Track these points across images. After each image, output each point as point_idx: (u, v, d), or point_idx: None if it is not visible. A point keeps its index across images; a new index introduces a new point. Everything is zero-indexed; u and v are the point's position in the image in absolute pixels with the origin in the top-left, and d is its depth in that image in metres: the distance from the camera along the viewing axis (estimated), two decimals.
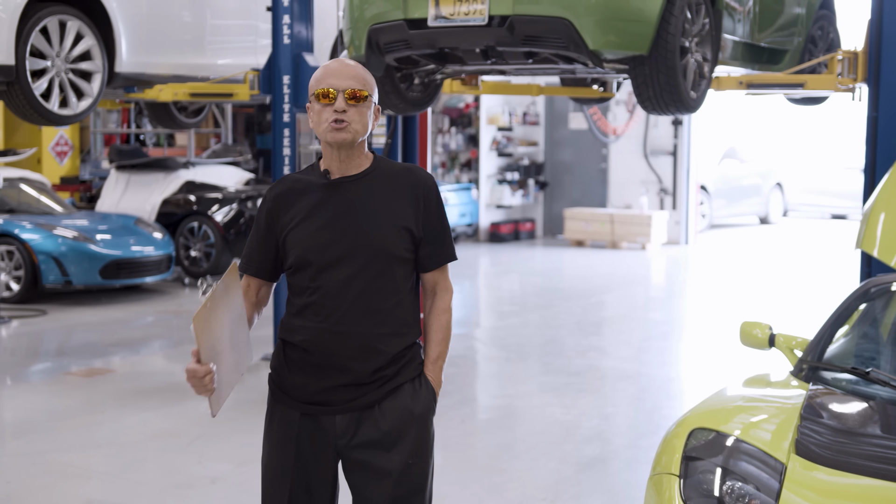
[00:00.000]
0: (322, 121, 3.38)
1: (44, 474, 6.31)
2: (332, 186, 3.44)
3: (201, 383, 3.23)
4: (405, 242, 3.43)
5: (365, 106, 3.40)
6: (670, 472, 3.77)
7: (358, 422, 3.40)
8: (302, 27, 8.71)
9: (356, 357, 3.38)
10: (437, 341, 3.53)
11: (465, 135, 19.95)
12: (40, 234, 11.91)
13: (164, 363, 9.65)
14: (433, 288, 3.55)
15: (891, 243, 5.55)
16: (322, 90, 3.37)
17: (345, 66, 3.42)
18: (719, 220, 21.48)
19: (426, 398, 3.48)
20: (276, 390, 3.51)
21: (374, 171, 3.48)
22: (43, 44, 7.82)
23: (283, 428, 3.46)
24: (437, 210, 3.51)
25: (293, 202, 3.45)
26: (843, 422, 3.92)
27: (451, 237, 3.57)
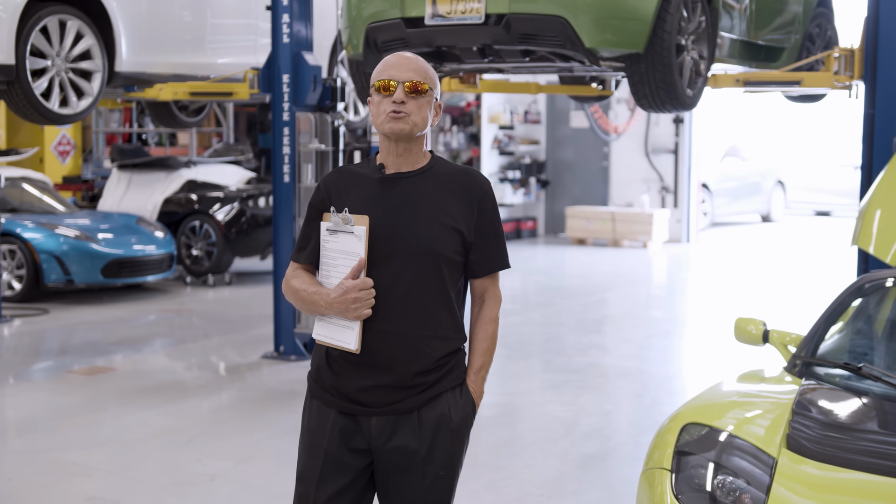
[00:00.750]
0: (380, 112, 3.34)
1: (45, 472, 6.34)
2: (387, 181, 3.38)
3: (369, 295, 3.25)
4: (455, 244, 3.36)
5: (425, 99, 3.35)
6: (662, 466, 3.80)
7: (394, 426, 3.34)
8: (301, 26, 8.75)
9: (399, 357, 3.32)
10: (482, 351, 3.47)
11: (466, 133, 19.97)
12: (42, 233, 11.95)
13: (165, 361, 9.67)
14: (482, 295, 3.49)
15: (886, 240, 5.58)
16: (382, 82, 3.33)
17: (406, 58, 3.38)
18: (721, 218, 21.50)
19: (466, 410, 3.42)
20: (314, 387, 3.47)
21: (431, 169, 3.42)
22: (43, 43, 7.86)
23: (320, 424, 3.41)
24: (491, 216, 3.43)
25: (346, 193, 3.40)
26: (833, 417, 3.95)
27: (505, 245, 3.49)
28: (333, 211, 3.32)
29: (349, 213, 3.29)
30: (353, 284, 3.24)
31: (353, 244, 3.28)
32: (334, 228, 3.32)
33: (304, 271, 3.46)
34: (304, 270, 3.46)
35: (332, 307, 3.28)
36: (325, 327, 3.36)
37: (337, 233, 3.31)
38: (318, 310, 3.34)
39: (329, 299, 3.28)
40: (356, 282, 3.24)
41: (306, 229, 3.48)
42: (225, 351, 9.86)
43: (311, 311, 3.37)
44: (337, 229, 3.31)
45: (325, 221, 3.37)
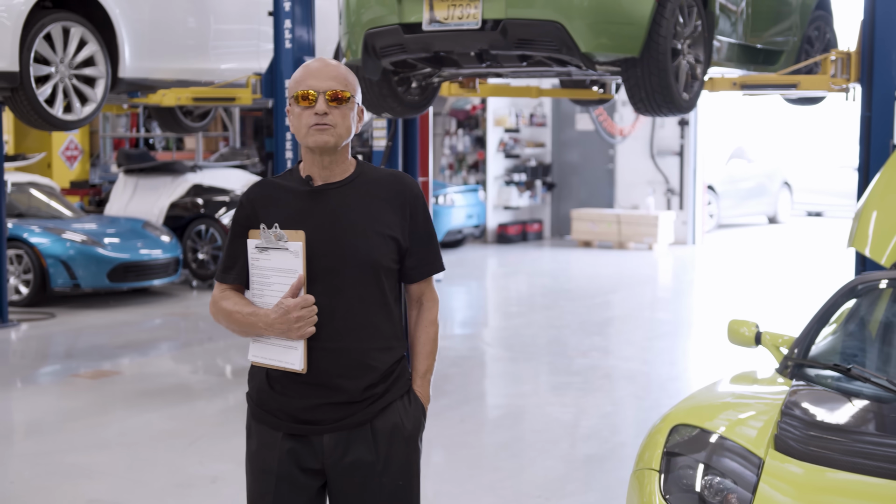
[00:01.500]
0: (302, 124, 3.21)
1: (48, 474, 6.40)
2: (316, 194, 3.26)
3: (312, 313, 3.15)
4: (392, 252, 3.27)
5: (347, 107, 3.22)
6: (651, 467, 3.84)
7: (347, 442, 3.24)
8: (303, 31, 8.81)
9: (347, 374, 3.22)
10: (425, 354, 3.40)
11: (472, 136, 20.04)
12: (49, 237, 12.02)
13: (171, 365, 9.74)
14: (419, 299, 3.42)
15: (882, 242, 5.61)
16: (302, 92, 3.20)
17: (325, 65, 3.25)
18: (727, 220, 21.52)
19: (417, 416, 3.35)
20: (256, 411, 3.32)
21: (359, 177, 3.31)
22: (47, 50, 7.94)
23: (266, 449, 3.29)
24: (423, 219, 3.35)
25: (273, 208, 3.26)
26: (821, 418, 3.98)
27: (438, 247, 3.42)
28: (263, 227, 3.19)
29: (281, 230, 3.17)
30: (295, 303, 3.13)
31: (289, 261, 3.16)
32: (265, 245, 3.19)
33: (234, 292, 3.32)
34: (234, 291, 3.33)
35: (273, 328, 3.16)
36: (263, 349, 3.23)
37: (268, 250, 3.18)
38: (257, 331, 3.21)
39: (269, 320, 3.15)
40: (297, 300, 3.13)
41: (232, 248, 3.33)
42: (230, 354, 9.91)
43: (248, 332, 3.24)
44: (268, 246, 3.18)
45: (253, 239, 3.23)
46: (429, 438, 7.13)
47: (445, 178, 20.20)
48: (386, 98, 7.08)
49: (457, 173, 20.21)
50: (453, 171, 20.27)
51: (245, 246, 3.28)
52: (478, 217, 18.34)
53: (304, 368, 3.18)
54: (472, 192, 18.23)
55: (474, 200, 18.20)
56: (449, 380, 8.77)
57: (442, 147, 20.40)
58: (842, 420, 4.00)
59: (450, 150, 20.28)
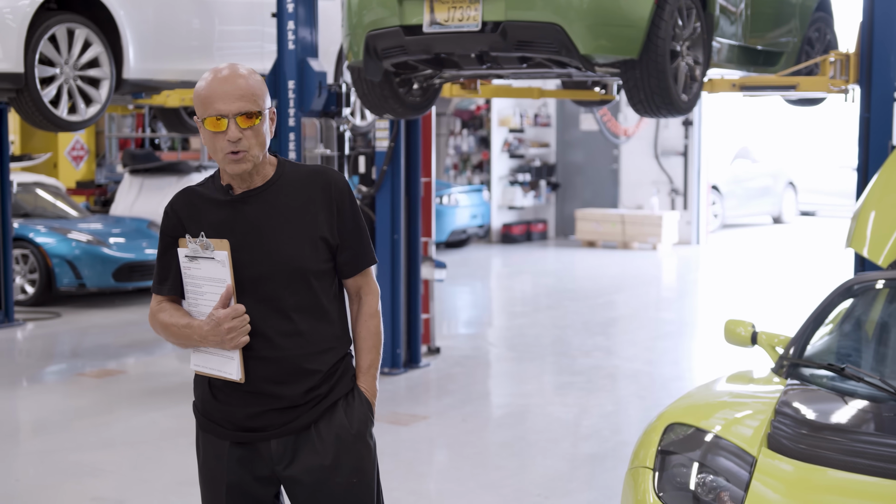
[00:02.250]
0: (217, 150, 3.11)
1: (53, 473, 6.46)
2: (236, 203, 3.18)
3: (243, 322, 3.10)
4: (322, 254, 3.21)
5: (260, 124, 3.11)
6: (645, 465, 3.89)
7: (295, 446, 3.22)
8: (306, 32, 8.84)
9: (285, 381, 3.18)
10: (368, 349, 3.33)
11: (476, 137, 20.09)
12: (54, 237, 12.09)
13: (175, 364, 9.79)
14: (357, 292, 3.35)
15: (879, 242, 5.65)
16: (211, 117, 3.07)
17: (230, 81, 3.09)
18: (732, 220, 21.55)
19: (362, 413, 3.29)
20: (203, 420, 3.29)
21: (280, 178, 3.22)
22: (52, 51, 7.99)
23: (214, 460, 3.27)
24: (351, 212, 3.26)
25: (197, 217, 3.20)
26: (814, 417, 4.03)
27: (369, 239, 3.34)
28: (188, 237, 3.15)
29: (207, 238, 3.12)
30: (225, 314, 3.07)
31: (217, 270, 3.11)
32: (193, 255, 3.15)
33: (170, 303, 3.28)
34: (170, 302, 3.28)
35: (207, 340, 3.12)
36: (203, 358, 3.21)
37: (198, 259, 3.15)
38: (193, 343, 3.18)
39: (203, 332, 3.11)
40: (227, 311, 3.08)
41: (164, 259, 3.28)
42: None
43: (185, 345, 3.21)
44: (197, 255, 3.14)
45: (182, 248, 3.19)
46: (431, 437, 7.20)
47: (450, 178, 20.26)
48: (387, 99, 7.12)
49: (461, 173, 20.26)
50: (458, 172, 20.32)
51: (175, 257, 3.23)
52: (482, 217, 18.39)
53: (242, 378, 3.15)
54: (476, 192, 18.28)
55: (478, 200, 18.25)
56: (452, 379, 8.82)
57: (446, 147, 20.45)
58: (835, 419, 4.04)
59: (454, 151, 20.33)
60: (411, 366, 9.01)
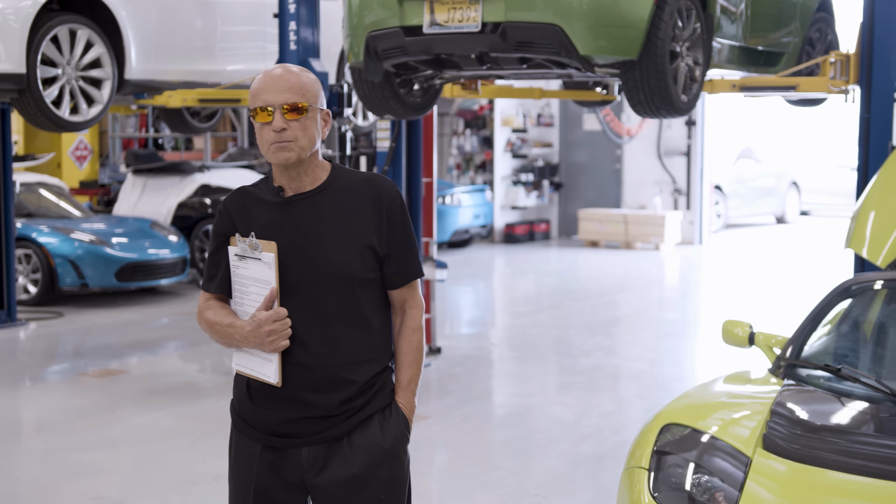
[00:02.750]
0: (264, 141, 3.13)
1: (53, 472, 6.48)
2: (287, 205, 3.17)
3: (285, 326, 3.09)
4: (369, 263, 3.18)
5: (308, 118, 3.11)
6: (641, 465, 3.90)
7: (326, 456, 3.18)
8: (308, 33, 8.86)
9: (322, 389, 3.15)
10: (409, 364, 3.29)
11: (479, 137, 20.10)
12: (57, 237, 12.12)
13: (178, 364, 9.82)
14: (401, 305, 3.30)
15: (878, 242, 5.65)
16: (259, 107, 3.11)
17: (281, 75, 3.13)
18: (735, 220, 21.55)
19: (398, 429, 3.24)
20: (238, 421, 3.28)
21: (332, 184, 3.20)
22: (54, 52, 8.02)
23: (245, 460, 3.24)
24: (402, 223, 3.23)
25: (248, 218, 3.20)
26: (810, 417, 4.03)
27: (417, 251, 3.31)
28: (238, 236, 3.14)
29: (256, 239, 3.10)
30: (267, 316, 3.06)
31: (263, 272, 3.10)
32: (242, 254, 3.15)
33: (217, 301, 3.28)
34: (217, 300, 3.28)
35: (248, 341, 3.11)
36: (244, 358, 3.21)
37: (246, 258, 3.14)
38: (235, 343, 3.17)
39: (244, 333, 3.11)
40: (269, 313, 3.06)
41: (214, 257, 3.28)
42: None
43: (228, 344, 3.20)
44: (245, 255, 3.14)
45: (232, 246, 3.18)
46: (431, 437, 7.20)
47: (453, 178, 20.27)
48: (388, 100, 7.14)
49: (464, 173, 20.27)
50: (461, 171, 20.33)
51: (226, 255, 3.23)
52: (485, 217, 18.40)
53: (279, 382, 3.13)
54: (479, 192, 18.29)
55: (481, 200, 18.26)
56: (454, 379, 8.84)
57: (449, 147, 20.47)
58: (830, 420, 4.05)
59: (457, 151, 20.34)
60: None
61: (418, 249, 3.35)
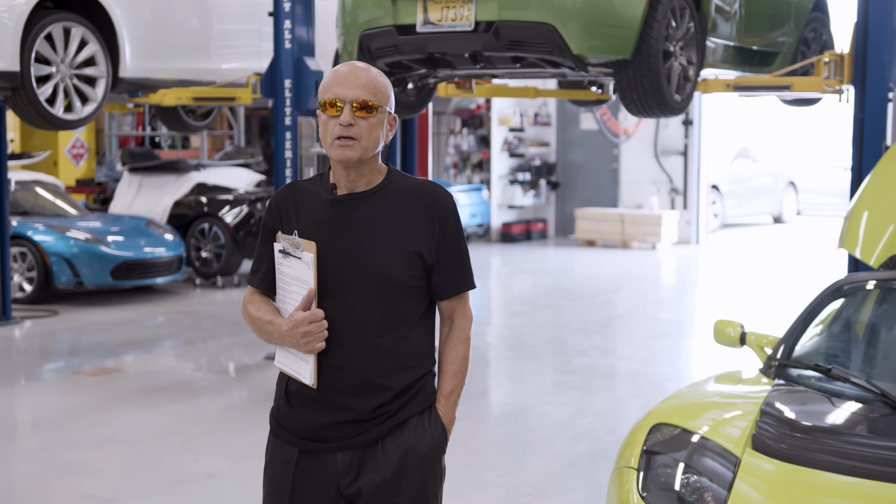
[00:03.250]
0: (328, 134, 3.08)
1: (45, 471, 6.47)
2: (338, 203, 3.12)
3: (321, 328, 3.05)
4: (414, 269, 3.12)
5: (376, 118, 3.07)
6: (630, 465, 3.89)
7: (361, 461, 3.13)
8: (303, 31, 8.86)
9: (356, 394, 3.11)
10: (453, 374, 3.24)
11: (476, 136, 20.09)
12: (52, 235, 12.11)
13: (174, 362, 9.81)
14: (450, 315, 3.26)
15: (871, 242, 5.64)
16: (329, 100, 3.06)
17: (355, 71, 3.08)
18: (732, 220, 21.55)
19: (435, 436, 3.18)
20: (275, 425, 3.25)
21: (386, 187, 3.15)
22: (48, 50, 8.01)
23: (282, 465, 3.20)
24: (454, 233, 3.17)
25: (296, 214, 3.16)
26: (799, 417, 4.03)
27: (469, 262, 3.25)
28: (280, 234, 3.12)
29: (298, 238, 3.07)
30: (303, 317, 3.02)
31: (303, 271, 3.07)
32: (285, 251, 3.12)
33: (261, 296, 3.25)
34: (260, 295, 3.26)
35: (285, 340, 3.08)
36: (285, 356, 3.18)
37: (289, 256, 3.10)
38: (274, 340, 3.14)
39: (282, 331, 3.08)
40: (306, 314, 3.02)
41: (260, 251, 3.26)
42: (233, 351, 9.98)
43: (268, 340, 3.17)
44: (287, 252, 3.11)
45: (277, 243, 3.15)
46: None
47: (450, 177, 20.27)
48: None
49: (461, 172, 20.27)
50: (458, 170, 20.33)
51: (271, 250, 3.20)
52: (482, 216, 18.40)
53: (314, 384, 3.09)
54: (476, 191, 18.29)
55: (478, 199, 18.26)
56: None
57: (446, 146, 20.47)
58: (820, 420, 4.05)
59: (454, 149, 20.34)
60: None
61: (470, 261, 3.27)
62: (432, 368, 3.25)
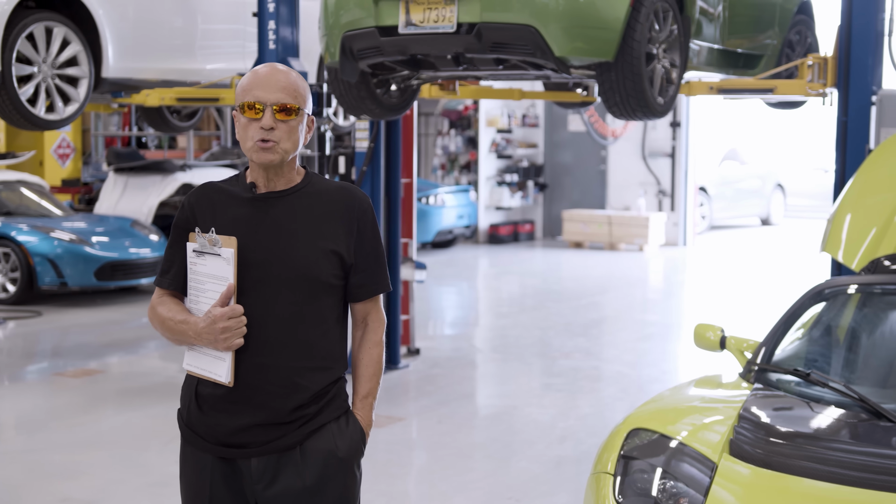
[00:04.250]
0: (248, 137, 3.06)
1: (26, 473, 6.44)
2: (258, 201, 3.11)
3: (240, 324, 3.00)
4: (334, 268, 3.10)
5: (296, 121, 3.08)
6: (606, 471, 3.87)
7: (276, 466, 3.08)
8: (287, 32, 8.80)
9: (275, 392, 3.06)
10: (368, 376, 3.20)
11: (464, 137, 20.08)
12: (36, 236, 12.06)
13: (157, 364, 9.77)
14: (364, 319, 3.23)
15: (853, 246, 5.64)
16: (248, 102, 3.05)
17: (275, 74, 3.08)
18: (720, 222, 21.57)
19: (353, 440, 3.15)
20: (186, 431, 3.17)
21: (306, 187, 3.15)
22: (29, 50, 7.95)
23: (197, 473, 3.14)
24: (371, 235, 3.18)
25: (212, 213, 3.12)
26: (777, 423, 4.01)
27: (385, 265, 3.25)
28: (198, 231, 3.06)
29: (216, 234, 3.04)
30: (222, 312, 2.98)
31: (222, 268, 3.03)
32: (201, 250, 3.07)
33: (171, 297, 3.19)
34: (170, 297, 3.19)
35: (202, 337, 3.02)
36: (196, 357, 3.11)
37: (204, 255, 3.06)
38: (188, 340, 3.07)
39: (198, 329, 3.02)
40: (224, 310, 2.98)
41: (170, 252, 3.20)
42: None
43: (181, 341, 3.10)
44: (204, 251, 3.06)
45: (191, 242, 3.10)
46: (408, 439, 7.18)
47: (437, 178, 20.25)
48: (364, 100, 7.10)
49: (449, 173, 20.25)
50: (445, 172, 20.31)
51: (182, 250, 3.15)
52: (469, 217, 18.38)
53: (231, 382, 3.04)
54: (463, 193, 18.28)
55: (465, 201, 18.25)
56: (431, 380, 8.81)
57: (434, 147, 20.44)
58: (798, 425, 4.03)
59: (442, 151, 20.32)
60: (389, 367, 8.98)
61: (386, 264, 3.26)
62: (344, 374, 3.22)
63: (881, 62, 6.96)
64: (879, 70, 6.95)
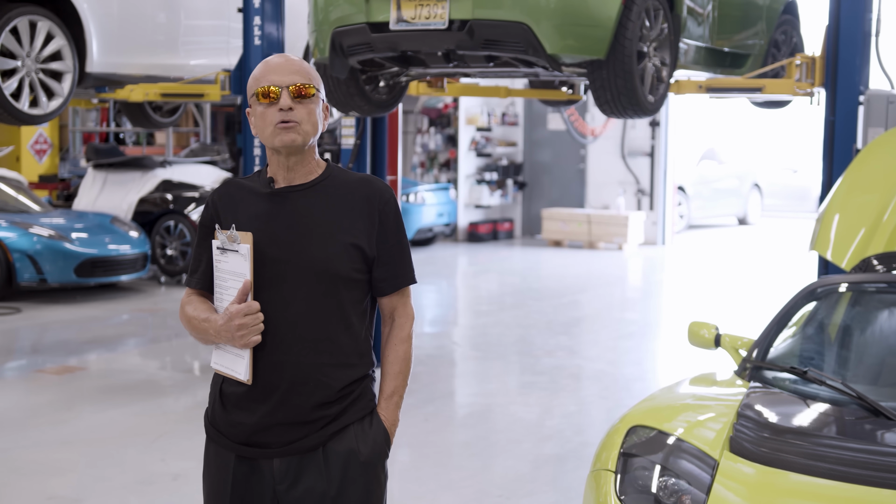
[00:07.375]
0: (267, 123, 3.00)
1: (8, 470, 6.37)
2: (277, 196, 3.06)
3: (256, 321, 2.97)
4: (355, 262, 3.05)
5: (313, 103, 3.03)
6: (607, 468, 3.87)
7: (299, 467, 3.03)
8: (273, 28, 8.78)
9: (295, 389, 3.01)
10: (394, 374, 3.14)
11: (444, 135, 20.06)
12: (15, 232, 11.96)
13: (138, 361, 9.70)
14: (391, 314, 3.19)
15: (843, 245, 5.65)
16: (263, 89, 3.01)
17: (286, 60, 3.06)
18: (697, 221, 21.64)
19: (377, 441, 3.10)
20: (210, 429, 3.16)
21: (326, 180, 3.10)
22: (13, 44, 7.87)
23: (219, 471, 3.11)
24: (395, 227, 3.13)
25: (234, 210, 3.09)
26: (776, 420, 4.02)
27: (411, 257, 3.22)
28: (218, 228, 3.05)
29: (235, 230, 3.01)
30: (238, 309, 2.94)
31: (240, 264, 2.99)
32: (223, 247, 3.04)
33: (198, 297, 3.17)
34: (198, 296, 3.17)
35: (221, 335, 2.99)
36: (220, 356, 3.09)
37: (226, 251, 3.03)
38: (210, 339, 3.05)
39: (217, 326, 2.99)
40: (241, 307, 2.94)
41: (197, 251, 3.18)
42: (198, 350, 9.88)
43: (206, 340, 3.07)
44: (225, 248, 3.03)
45: (214, 240, 3.08)
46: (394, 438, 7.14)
47: (417, 176, 20.22)
48: (353, 97, 7.08)
49: (428, 171, 20.22)
50: (425, 170, 20.29)
51: (208, 249, 3.13)
52: (448, 215, 18.36)
53: (249, 379, 3.01)
54: (443, 191, 18.25)
55: (445, 199, 18.22)
56: (415, 378, 8.73)
57: (413, 145, 20.41)
58: (796, 422, 4.04)
59: (421, 149, 20.29)
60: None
61: (411, 256, 3.23)
62: (371, 372, 3.16)
63: (869, 62, 6.99)
64: (867, 70, 6.98)
